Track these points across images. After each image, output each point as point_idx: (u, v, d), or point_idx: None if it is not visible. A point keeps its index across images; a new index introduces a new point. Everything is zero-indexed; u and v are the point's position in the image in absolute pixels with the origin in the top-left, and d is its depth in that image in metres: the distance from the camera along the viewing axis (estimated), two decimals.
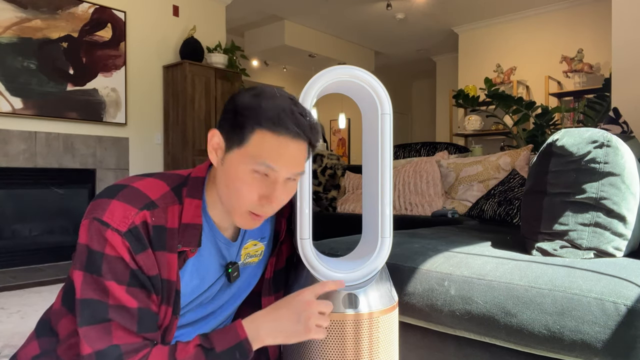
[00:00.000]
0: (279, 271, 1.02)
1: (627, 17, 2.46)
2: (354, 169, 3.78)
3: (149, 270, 0.80)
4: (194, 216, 0.85)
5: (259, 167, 0.80)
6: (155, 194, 0.83)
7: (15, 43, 3.53)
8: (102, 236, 0.78)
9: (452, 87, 6.77)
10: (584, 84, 5.16)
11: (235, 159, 0.82)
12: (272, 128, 0.79)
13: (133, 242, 0.79)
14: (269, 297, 1.00)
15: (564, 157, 1.09)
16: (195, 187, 0.88)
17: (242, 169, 0.81)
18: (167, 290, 0.83)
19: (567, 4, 5.38)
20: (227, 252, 0.92)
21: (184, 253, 0.85)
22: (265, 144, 0.80)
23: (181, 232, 0.84)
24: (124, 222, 0.79)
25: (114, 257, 0.78)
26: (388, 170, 0.95)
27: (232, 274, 0.93)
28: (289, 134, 0.80)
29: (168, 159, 4.53)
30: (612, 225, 1.07)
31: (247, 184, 0.81)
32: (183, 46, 4.53)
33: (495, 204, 2.27)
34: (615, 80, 2.50)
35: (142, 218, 0.80)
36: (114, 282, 0.77)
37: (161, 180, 0.87)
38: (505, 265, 1.04)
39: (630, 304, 0.84)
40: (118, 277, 0.78)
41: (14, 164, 3.55)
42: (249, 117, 0.80)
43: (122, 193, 0.81)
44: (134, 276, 0.79)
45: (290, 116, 0.80)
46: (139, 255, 0.79)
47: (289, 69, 7.76)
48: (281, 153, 0.80)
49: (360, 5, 5.60)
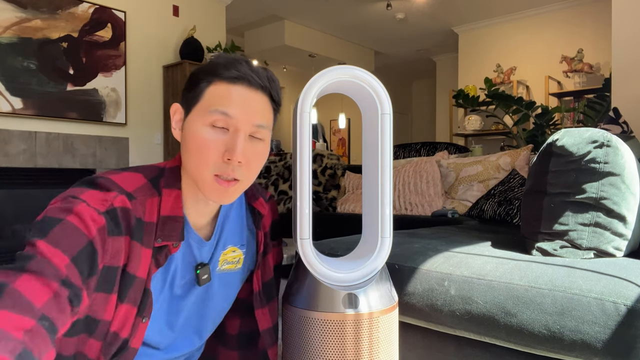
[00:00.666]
0: (267, 282, 0.99)
1: (627, 17, 2.46)
2: (354, 169, 3.78)
3: (112, 259, 0.73)
4: (174, 207, 0.81)
5: (213, 114, 0.77)
6: (132, 187, 0.78)
7: (15, 43, 3.53)
8: (69, 209, 0.69)
9: (452, 87, 6.77)
10: (584, 84, 5.16)
11: (192, 119, 0.79)
12: (226, 75, 0.78)
13: (109, 222, 0.72)
14: (262, 309, 0.97)
15: (564, 157, 1.09)
16: (172, 177, 0.83)
17: (200, 124, 0.78)
18: (133, 287, 0.76)
19: (567, 4, 5.38)
20: (199, 252, 0.87)
21: (165, 248, 0.80)
22: (219, 91, 0.78)
23: (160, 226, 0.79)
24: (103, 203, 0.73)
25: (74, 225, 0.68)
26: (388, 170, 0.95)
27: (201, 276, 0.86)
28: (244, 81, 0.78)
29: (168, 159, 4.53)
30: (612, 225, 1.07)
31: (206, 140, 0.77)
32: (183, 46, 4.53)
33: (495, 204, 2.27)
34: (615, 80, 2.50)
35: (121, 203, 0.74)
36: (56, 248, 0.65)
37: (137, 172, 0.82)
38: (505, 265, 1.04)
39: (630, 304, 0.84)
40: (67, 245, 0.66)
41: (14, 164, 3.55)
42: (203, 73, 0.80)
43: (99, 182, 0.76)
44: (87, 254, 0.68)
45: (245, 64, 0.79)
46: (111, 238, 0.72)
47: (289, 69, 7.76)
48: (236, 98, 0.77)
49: (360, 5, 5.60)
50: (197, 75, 0.81)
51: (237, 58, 0.80)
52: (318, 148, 5.32)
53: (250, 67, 0.80)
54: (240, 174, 0.79)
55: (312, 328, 0.89)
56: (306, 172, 0.92)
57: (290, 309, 0.93)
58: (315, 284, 0.91)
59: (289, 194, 3.63)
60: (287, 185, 3.66)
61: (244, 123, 0.78)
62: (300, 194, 0.92)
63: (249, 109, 0.78)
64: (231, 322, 1.05)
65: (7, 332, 0.55)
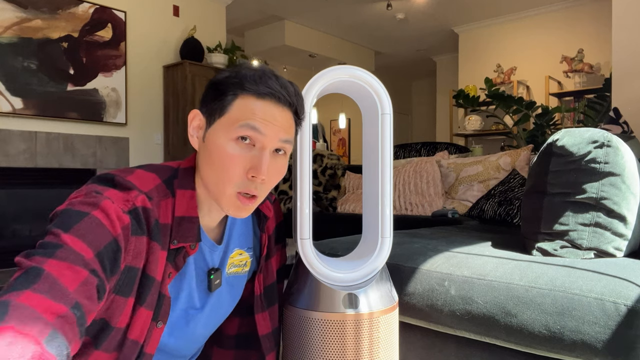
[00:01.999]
0: (269, 286, 0.98)
1: (627, 17, 2.45)
2: (354, 169, 3.78)
3: (134, 260, 0.72)
4: (189, 208, 0.79)
5: (242, 129, 0.75)
6: (147, 187, 0.76)
7: (16, 43, 3.53)
8: (94, 204, 0.68)
9: (452, 87, 6.77)
10: (584, 84, 5.16)
11: (217, 131, 0.77)
12: (255, 90, 0.76)
13: (133, 221, 0.71)
14: (263, 314, 0.96)
15: (564, 157, 1.09)
16: (186, 177, 0.81)
17: (225, 139, 0.75)
18: (151, 290, 0.75)
19: (567, 4, 5.38)
20: (210, 257, 0.85)
21: (182, 250, 0.79)
22: (249, 105, 0.76)
23: (175, 227, 0.77)
24: (126, 203, 0.71)
25: (100, 221, 0.67)
26: (388, 170, 0.95)
27: (214, 281, 0.85)
28: (273, 98, 0.77)
29: (168, 159, 4.53)
30: (613, 225, 1.07)
31: (232, 156, 0.75)
32: (183, 46, 4.53)
33: (496, 204, 2.27)
34: (616, 80, 2.50)
35: (142, 202, 0.73)
36: (81, 241, 0.64)
37: (152, 172, 0.79)
38: (505, 265, 1.04)
39: (630, 304, 0.84)
40: (92, 240, 0.65)
41: (14, 164, 3.55)
42: (231, 85, 0.77)
43: (117, 181, 0.74)
44: (111, 251, 0.67)
45: (273, 79, 0.78)
46: (134, 237, 0.71)
47: (289, 69, 7.76)
48: (264, 114, 0.76)
49: (360, 5, 5.60)
50: (224, 85, 0.78)
51: (266, 71, 0.79)
52: (318, 148, 5.32)
53: (280, 82, 0.78)
54: (261, 191, 0.79)
55: (312, 328, 0.89)
56: (306, 172, 0.92)
57: (291, 309, 0.93)
58: (316, 284, 0.91)
59: (289, 194, 3.63)
60: (287, 185, 3.66)
61: (270, 140, 0.76)
62: (301, 194, 0.92)
63: (275, 125, 0.77)
64: (230, 322, 1.04)
65: (39, 313, 0.55)
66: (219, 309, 0.91)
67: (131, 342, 0.75)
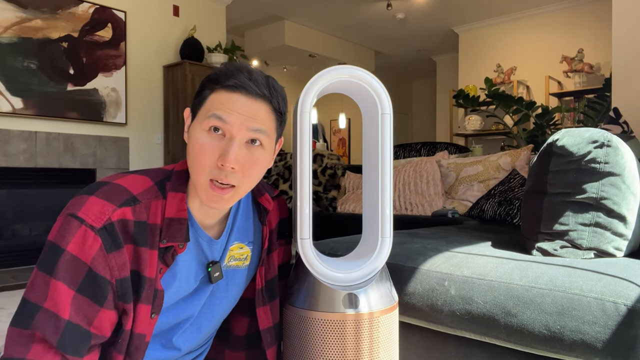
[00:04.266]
0: (270, 280, 0.99)
1: (627, 17, 2.45)
2: (354, 169, 3.78)
3: (120, 272, 0.77)
4: (178, 210, 0.83)
5: (210, 120, 0.79)
6: (138, 189, 0.82)
7: (16, 43, 3.53)
8: (71, 232, 0.75)
9: (452, 87, 6.77)
10: (584, 84, 5.16)
11: (195, 125, 0.83)
12: (226, 83, 0.81)
13: (107, 239, 0.76)
14: (264, 307, 0.98)
15: (564, 157, 1.09)
16: (178, 180, 0.86)
17: (199, 130, 0.81)
18: (146, 287, 0.80)
19: (567, 4, 5.38)
20: (209, 251, 0.89)
21: (171, 249, 0.83)
22: (219, 98, 0.81)
23: (165, 227, 0.82)
24: (100, 217, 0.76)
25: (74, 256, 0.74)
26: (388, 170, 0.95)
27: (212, 274, 0.89)
28: (242, 90, 0.80)
29: (168, 159, 4.53)
30: (613, 225, 1.07)
31: (203, 145, 0.80)
32: (183, 46, 4.53)
33: (496, 204, 2.27)
34: (616, 80, 2.50)
35: (120, 215, 0.77)
36: (63, 284, 0.73)
37: (145, 175, 0.85)
38: (505, 265, 1.04)
39: (630, 304, 0.84)
40: (71, 278, 0.73)
41: (14, 164, 3.55)
42: (208, 81, 0.83)
43: (102, 189, 0.79)
44: (90, 280, 0.74)
45: (245, 73, 0.82)
46: (112, 254, 0.76)
47: (289, 69, 7.76)
48: (233, 103, 0.80)
49: (360, 5, 5.60)
50: (204, 83, 0.84)
51: (239, 67, 0.83)
52: (318, 148, 5.32)
53: (250, 76, 0.82)
54: (236, 180, 0.81)
55: (312, 328, 0.89)
56: (306, 172, 0.92)
57: (291, 308, 0.93)
58: (316, 284, 0.91)
59: (289, 194, 3.63)
60: (287, 185, 3.66)
61: (238, 129, 0.80)
62: (301, 194, 0.92)
63: (242, 115, 0.80)
64: (239, 322, 1.05)
65: None
66: (215, 301, 0.94)
67: (137, 335, 0.82)
